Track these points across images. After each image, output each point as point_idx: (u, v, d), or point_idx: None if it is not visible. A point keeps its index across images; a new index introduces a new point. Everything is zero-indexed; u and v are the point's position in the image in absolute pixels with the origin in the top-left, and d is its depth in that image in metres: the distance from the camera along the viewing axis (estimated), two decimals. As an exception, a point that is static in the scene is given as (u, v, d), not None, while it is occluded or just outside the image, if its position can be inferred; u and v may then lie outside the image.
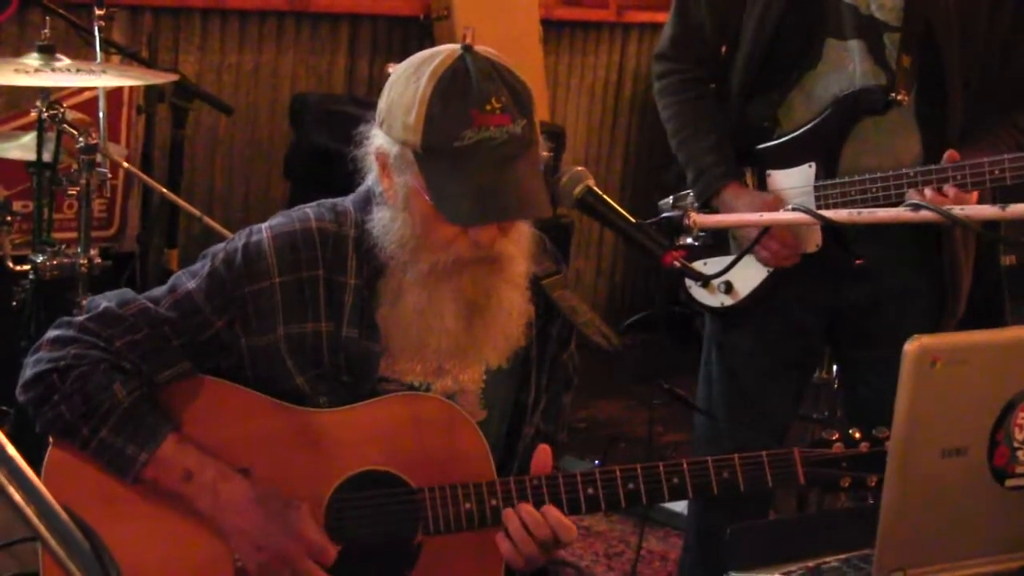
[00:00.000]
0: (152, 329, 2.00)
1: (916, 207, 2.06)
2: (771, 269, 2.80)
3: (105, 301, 2.04)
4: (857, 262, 2.76)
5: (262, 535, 1.97)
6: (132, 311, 2.01)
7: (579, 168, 2.10)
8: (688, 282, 2.91)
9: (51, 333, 2.03)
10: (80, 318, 2.03)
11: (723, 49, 2.84)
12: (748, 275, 2.83)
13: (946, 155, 2.62)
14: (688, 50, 2.89)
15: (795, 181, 2.77)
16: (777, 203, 2.73)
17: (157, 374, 2.01)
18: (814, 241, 2.75)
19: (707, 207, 2.80)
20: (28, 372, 2.01)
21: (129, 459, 1.96)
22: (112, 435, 1.96)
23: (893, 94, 2.68)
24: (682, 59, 2.90)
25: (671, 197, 2.96)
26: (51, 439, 2.01)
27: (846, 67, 2.73)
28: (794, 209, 2.14)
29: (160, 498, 1.99)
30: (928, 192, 2.60)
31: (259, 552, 1.97)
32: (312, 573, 1.98)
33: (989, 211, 2.04)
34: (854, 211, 2.30)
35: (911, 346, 1.64)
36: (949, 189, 2.59)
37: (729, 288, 2.86)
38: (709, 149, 2.81)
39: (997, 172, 2.58)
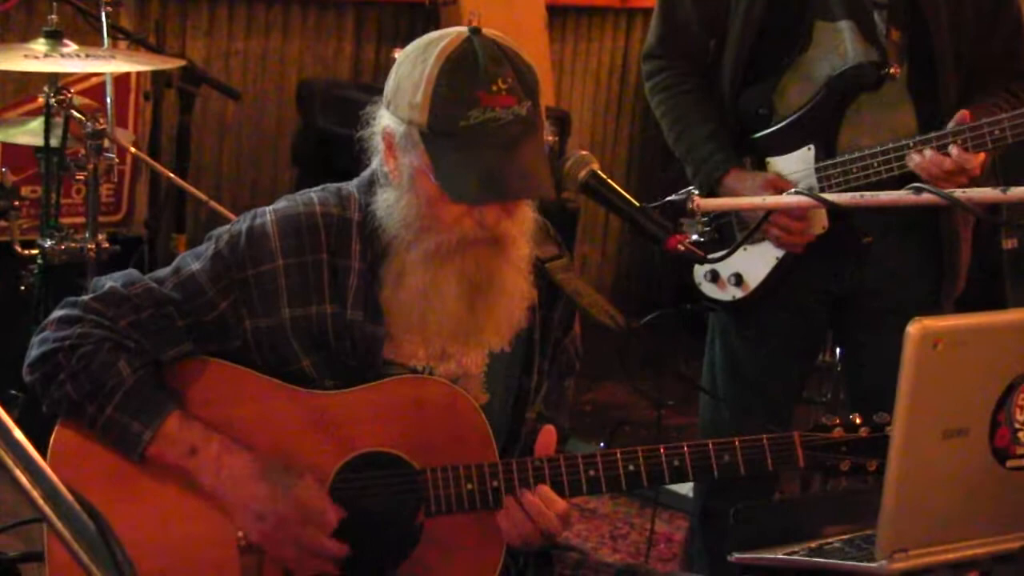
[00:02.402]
0: (156, 309, 2.01)
1: (919, 190, 2.07)
2: (779, 257, 2.80)
3: (110, 281, 2.05)
4: (866, 240, 2.76)
5: (263, 506, 1.98)
6: (137, 291, 2.02)
7: (584, 152, 2.11)
8: (698, 279, 2.90)
9: (57, 313, 2.04)
10: (85, 298, 2.04)
11: (711, 42, 2.84)
12: (757, 265, 2.82)
13: (956, 116, 2.61)
14: (676, 47, 2.88)
15: (795, 165, 2.76)
16: (779, 182, 2.72)
17: (161, 353, 2.02)
18: (820, 223, 2.74)
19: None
20: (34, 352, 2.02)
21: (135, 436, 1.97)
22: (118, 412, 1.97)
23: (886, 69, 2.68)
24: (670, 56, 2.89)
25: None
26: (58, 419, 2.02)
27: (837, 48, 2.72)
28: (797, 193, 2.14)
29: (165, 477, 2.00)
30: (928, 152, 2.60)
31: (262, 523, 1.98)
32: (314, 539, 1.99)
33: (990, 194, 2.04)
34: (856, 194, 2.30)
35: (913, 328, 1.65)
36: (953, 149, 2.58)
37: (740, 280, 2.84)
38: (706, 139, 2.81)
39: (997, 132, 2.57)
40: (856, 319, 2.90)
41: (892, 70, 2.68)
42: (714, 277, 2.87)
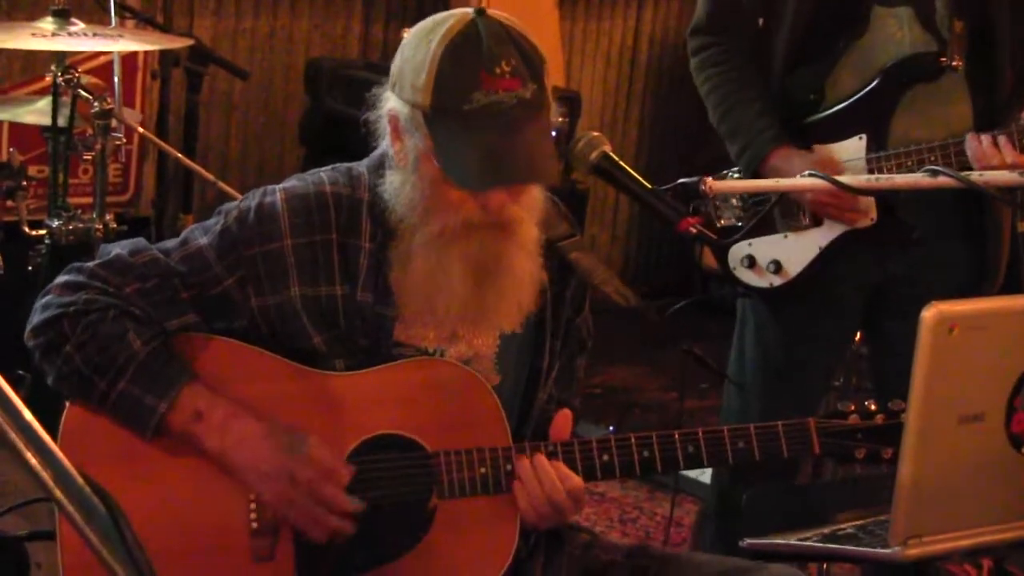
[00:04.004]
0: (162, 280, 2.00)
1: (934, 173, 2.04)
2: (822, 247, 2.72)
3: (117, 248, 2.04)
4: (916, 234, 2.70)
5: (272, 465, 1.96)
6: (143, 260, 2.01)
7: (596, 133, 2.08)
8: (733, 264, 2.81)
9: (61, 278, 2.03)
10: (91, 264, 2.02)
11: (761, 21, 2.76)
12: (798, 253, 2.75)
13: None
14: (725, 24, 2.81)
15: (844, 154, 2.67)
16: (832, 164, 2.63)
17: (166, 322, 2.00)
18: (869, 215, 2.67)
19: (756, 178, 2.70)
20: (37, 317, 2.00)
21: (148, 409, 1.95)
22: (131, 386, 1.95)
23: (946, 60, 2.61)
24: (719, 32, 2.82)
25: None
26: (67, 399, 2.01)
27: (894, 35, 2.65)
28: (810, 175, 2.12)
29: (176, 458, 1.99)
30: (984, 141, 2.53)
31: (271, 482, 1.96)
32: (328, 493, 1.97)
33: (1008, 177, 2.02)
34: (871, 177, 2.28)
35: (929, 312, 1.64)
36: (1003, 141, 2.52)
37: (778, 268, 2.76)
38: (756, 115, 2.73)
39: None
40: (888, 306, 2.83)
41: (955, 62, 2.60)
42: (751, 263, 2.78)
